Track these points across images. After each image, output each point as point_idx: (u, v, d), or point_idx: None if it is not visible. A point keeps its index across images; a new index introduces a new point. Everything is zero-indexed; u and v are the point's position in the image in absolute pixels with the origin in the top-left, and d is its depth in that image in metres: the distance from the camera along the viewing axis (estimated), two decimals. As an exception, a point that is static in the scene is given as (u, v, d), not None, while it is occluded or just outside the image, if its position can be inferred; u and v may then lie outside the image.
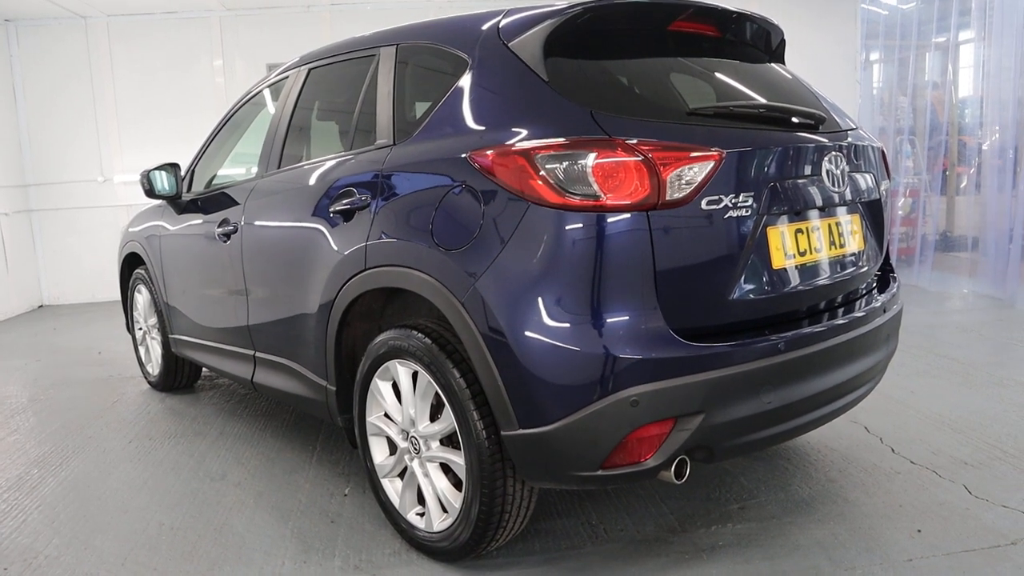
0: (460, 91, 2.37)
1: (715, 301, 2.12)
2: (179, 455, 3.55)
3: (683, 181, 2.01)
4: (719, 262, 2.11)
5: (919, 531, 2.55)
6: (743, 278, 2.16)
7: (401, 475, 2.62)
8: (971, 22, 6.82)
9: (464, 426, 2.23)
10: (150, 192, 3.80)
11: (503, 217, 2.09)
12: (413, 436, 2.47)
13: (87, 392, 4.66)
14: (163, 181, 3.78)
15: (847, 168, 2.42)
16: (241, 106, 3.75)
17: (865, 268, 2.59)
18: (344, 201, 2.61)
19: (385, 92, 2.66)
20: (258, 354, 3.32)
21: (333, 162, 2.83)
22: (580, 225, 1.99)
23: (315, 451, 3.51)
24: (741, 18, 2.58)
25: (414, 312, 2.75)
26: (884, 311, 2.62)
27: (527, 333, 2.04)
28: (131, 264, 4.71)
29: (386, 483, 2.65)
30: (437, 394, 2.36)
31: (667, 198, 1.99)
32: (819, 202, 2.32)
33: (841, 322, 2.39)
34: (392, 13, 7.62)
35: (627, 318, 2.01)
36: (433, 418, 2.42)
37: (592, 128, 2.04)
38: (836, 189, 2.38)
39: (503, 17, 2.40)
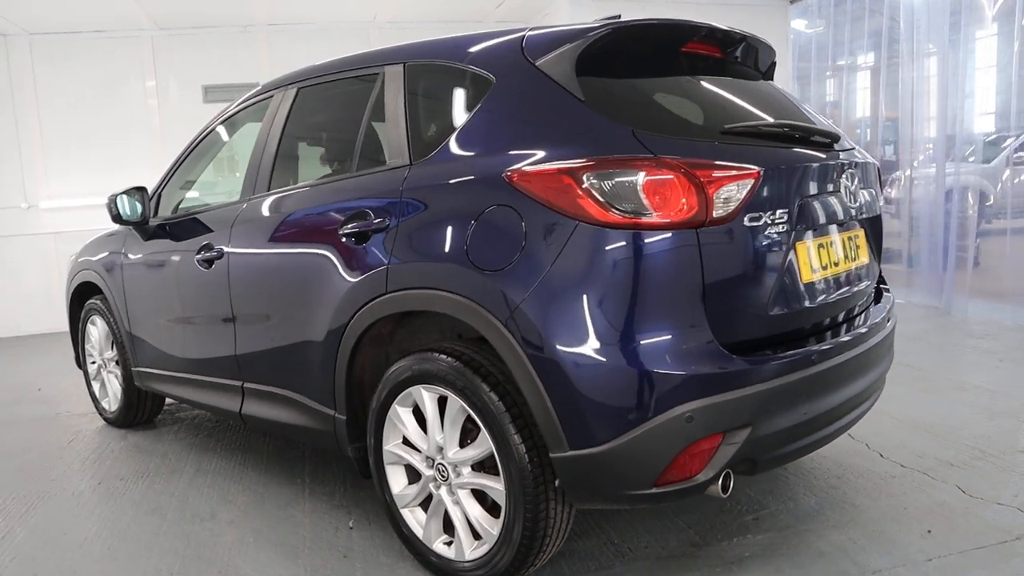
0: (486, 110, 2.35)
1: (756, 315, 2.17)
2: (158, 495, 3.35)
3: (728, 199, 2.05)
4: (760, 277, 2.15)
5: (929, 531, 2.64)
6: (779, 292, 2.21)
7: (423, 504, 2.55)
8: (879, 46, 7.25)
9: (504, 450, 2.19)
10: (117, 217, 3.61)
11: (548, 236, 2.07)
12: (441, 463, 2.41)
13: (36, 432, 4.35)
14: (130, 206, 3.59)
15: (859, 184, 2.52)
16: (213, 128, 3.61)
17: (869, 282, 2.69)
18: (356, 223, 2.54)
19: (396, 111, 2.61)
20: (247, 385, 3.17)
21: (338, 184, 2.75)
22: (631, 243, 2.00)
23: (305, 483, 3.37)
24: (744, 39, 2.66)
25: (424, 337, 2.70)
26: (887, 322, 2.73)
27: (579, 353, 2.02)
28: (82, 295, 4.44)
29: (406, 513, 2.57)
30: (468, 419, 2.32)
31: (713, 215, 2.03)
32: (838, 217, 2.41)
33: (861, 331, 2.48)
34: (331, 34, 7.52)
35: (679, 334, 2.03)
36: (462, 443, 2.37)
37: (636, 147, 2.05)
38: (852, 204, 2.47)
39: (523, 36, 2.40)
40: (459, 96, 2.49)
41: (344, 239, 2.58)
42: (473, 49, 2.49)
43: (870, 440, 3.49)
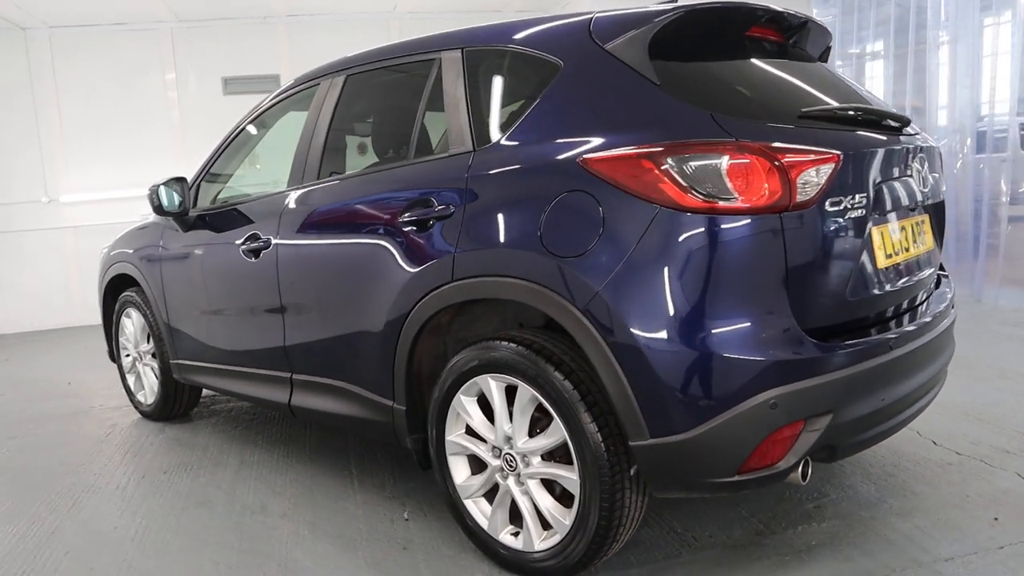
0: (554, 95, 2.31)
1: (835, 301, 2.13)
2: (204, 488, 3.32)
3: (810, 183, 2.01)
4: (840, 262, 2.12)
5: (996, 519, 2.61)
6: (857, 278, 2.17)
7: (487, 495, 2.52)
8: (902, 31, 7.18)
9: (579, 438, 2.16)
10: (159, 208, 3.57)
11: (628, 222, 2.04)
12: (508, 453, 2.38)
13: (72, 426, 4.33)
14: (170, 197, 3.56)
15: (928, 169, 2.49)
16: (254, 118, 3.56)
17: (933, 268, 2.66)
18: (418, 211, 2.50)
19: (456, 98, 2.57)
20: (296, 376, 3.14)
21: (396, 171, 2.72)
22: (715, 228, 1.96)
23: (353, 475, 3.35)
24: (804, 23, 2.62)
25: (482, 325, 2.67)
26: (952, 308, 2.70)
27: (661, 339, 1.99)
28: (116, 288, 4.42)
29: (470, 504, 2.55)
30: (537, 408, 2.29)
31: (797, 200, 1.99)
32: (909, 202, 2.37)
33: (927, 319, 2.45)
34: (351, 25, 7.47)
35: (763, 320, 2.00)
36: (531, 433, 2.34)
37: (716, 131, 2.01)
38: (922, 189, 2.43)
39: (590, 20, 2.36)
40: (524, 81, 2.45)
41: (405, 227, 2.54)
42: (537, 34, 2.45)
43: (921, 428, 3.45)
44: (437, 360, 2.70)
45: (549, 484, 2.35)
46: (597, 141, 2.14)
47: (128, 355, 4.41)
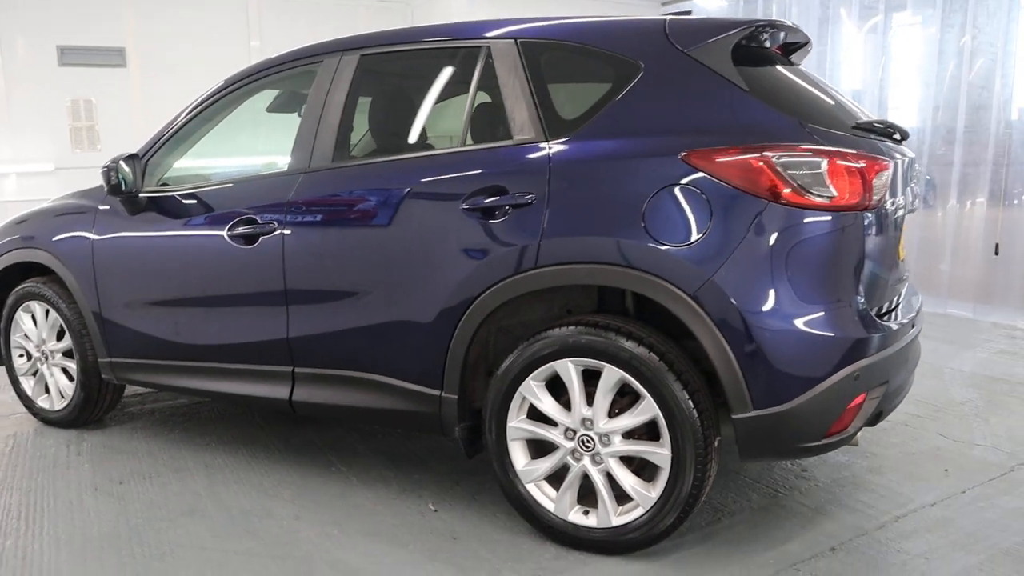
0: (638, 94, 2.43)
1: (883, 287, 2.48)
2: (181, 496, 3.03)
3: (879, 186, 2.32)
4: (887, 254, 2.47)
5: (946, 470, 3.14)
6: (892, 268, 2.54)
7: (551, 478, 2.59)
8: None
9: (673, 414, 2.31)
10: (116, 188, 3.18)
11: (736, 214, 2.23)
12: (586, 434, 2.47)
13: (-47, 440, 3.69)
14: (127, 175, 3.19)
15: (913, 177, 2.93)
16: (223, 93, 3.28)
17: None
18: (486, 198, 2.51)
19: (515, 87, 2.59)
20: (300, 370, 2.97)
21: (447, 156, 2.69)
22: (816, 222, 2.22)
23: (344, 472, 3.21)
24: (808, 39, 2.94)
25: (526, 313, 2.71)
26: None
27: (768, 321, 2.21)
28: (4, 281, 3.83)
29: (532, 488, 2.60)
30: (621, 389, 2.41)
31: (872, 200, 2.30)
32: (909, 205, 2.78)
33: (916, 309, 2.88)
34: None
35: (849, 302, 2.28)
36: (610, 414, 2.45)
37: (806, 136, 2.26)
38: (913, 195, 2.86)
39: (663, 23, 2.51)
40: (601, 78, 2.54)
41: (468, 214, 2.53)
42: (611, 34, 2.55)
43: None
44: (482, 348, 2.71)
45: (630, 460, 2.48)
46: (695, 139, 2.30)
47: (22, 355, 3.84)
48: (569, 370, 2.46)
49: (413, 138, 3.02)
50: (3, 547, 2.67)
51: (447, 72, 2.82)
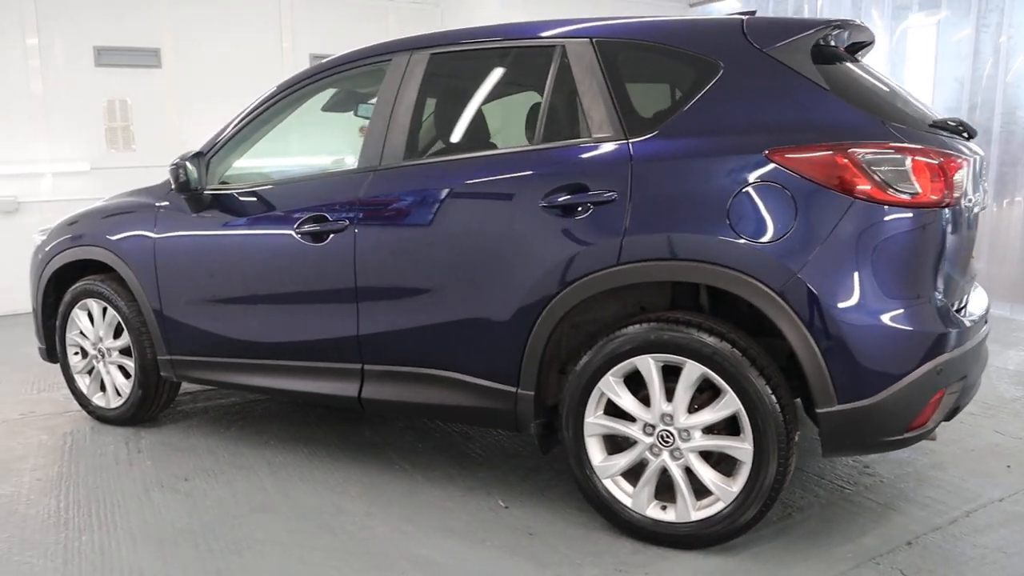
0: (719, 92, 2.45)
1: (958, 283, 2.49)
2: (250, 492, 3.05)
3: (957, 183, 2.34)
4: (963, 251, 2.48)
5: (1008, 466, 3.15)
6: (966, 264, 2.55)
7: (627, 473, 2.60)
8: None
9: (756, 409, 2.33)
10: (184, 186, 3.20)
11: (822, 211, 2.24)
12: (665, 430, 2.49)
13: (9, 439, 3.70)
14: (193, 173, 3.22)
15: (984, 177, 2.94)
16: (288, 93, 3.30)
17: None
18: (566, 195, 2.53)
19: (592, 86, 2.61)
20: (370, 367, 2.99)
21: (523, 154, 2.70)
22: (902, 219, 2.23)
23: (407, 469, 3.23)
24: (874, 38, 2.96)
25: (599, 310, 2.72)
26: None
27: (855, 316, 2.23)
28: (60, 280, 3.87)
29: (609, 483, 2.62)
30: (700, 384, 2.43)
31: (952, 197, 2.31)
32: (980, 204, 2.78)
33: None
34: (238, 3, 6.96)
35: (928, 298, 2.30)
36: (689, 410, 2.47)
37: (889, 134, 2.28)
38: (985, 192, 2.88)
39: (740, 23, 2.53)
40: (680, 77, 2.57)
41: (547, 211, 2.55)
42: (687, 33, 2.57)
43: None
44: (555, 345, 2.72)
45: (709, 455, 2.49)
46: (779, 137, 2.32)
47: (77, 353, 3.87)
48: (650, 366, 2.47)
49: (485, 136, 3.04)
50: (80, 543, 2.69)
51: (519, 71, 2.85)
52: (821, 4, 6.81)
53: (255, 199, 3.23)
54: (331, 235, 2.96)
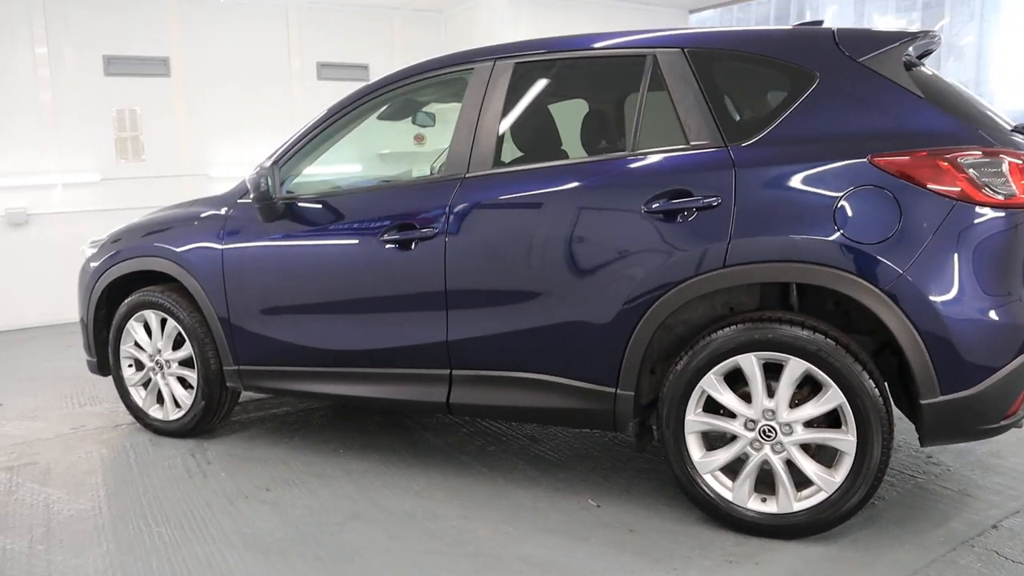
0: (818, 100, 2.55)
1: (1032, 281, 2.64)
2: (337, 500, 3.06)
3: (1047, 184, 2.48)
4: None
5: (1060, 454, 3.32)
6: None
7: (726, 468, 2.69)
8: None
9: (863, 402, 2.43)
10: (265, 195, 3.21)
11: (926, 213, 2.36)
12: (768, 424, 2.58)
13: (67, 453, 3.65)
14: (272, 183, 3.23)
15: None
16: (361, 102, 3.33)
17: None
18: (669, 200, 2.61)
19: (687, 95, 2.69)
20: (458, 372, 3.03)
21: (620, 161, 2.78)
22: (1004, 219, 2.36)
23: (487, 472, 3.27)
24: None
25: (688, 311, 2.79)
26: None
27: (958, 312, 2.35)
28: (112, 291, 3.84)
29: (708, 478, 2.70)
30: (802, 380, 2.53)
31: (1046, 197, 2.45)
32: None
33: None
34: (247, 10, 6.95)
35: (1021, 295, 2.43)
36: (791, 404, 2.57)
37: (983, 139, 2.41)
38: None
39: (831, 34, 2.64)
40: (776, 86, 2.67)
41: (650, 216, 2.63)
42: (782, 44, 2.67)
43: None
44: (654, 345, 2.79)
45: (807, 447, 2.60)
46: (880, 143, 2.44)
47: (132, 366, 3.84)
48: (752, 364, 2.57)
49: (577, 143, 3.11)
50: (183, 556, 2.68)
51: (609, 80, 2.92)
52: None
53: (332, 208, 3.25)
54: (418, 242, 3.00)
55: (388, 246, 3.05)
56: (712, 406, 2.68)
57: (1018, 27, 6.51)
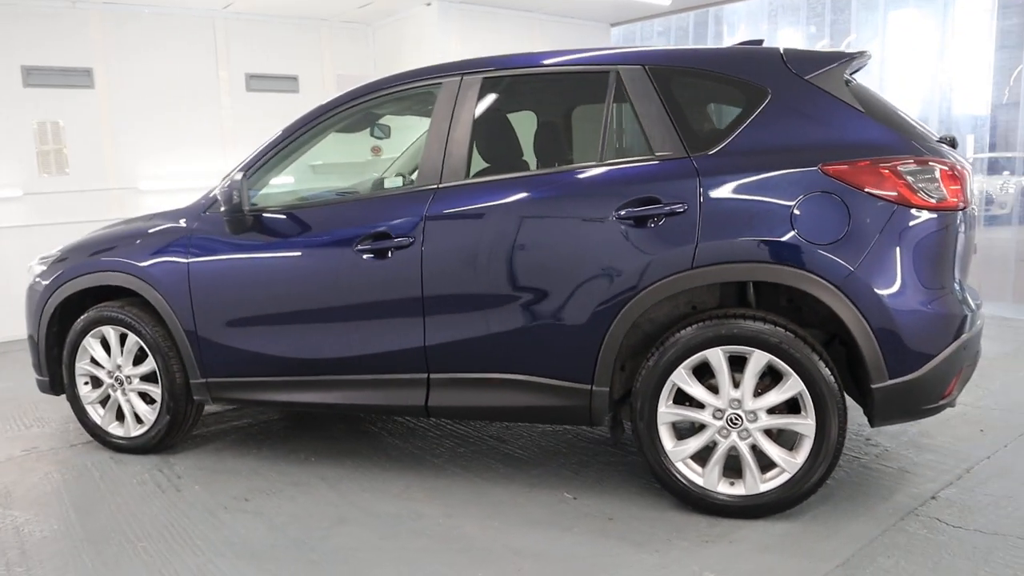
0: (770, 114, 2.80)
1: (967, 275, 2.95)
2: (318, 507, 3.11)
3: (967, 190, 2.79)
4: (970, 247, 2.94)
5: (982, 430, 3.68)
6: (970, 259, 3.03)
7: (695, 456, 2.89)
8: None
9: (822, 389, 2.68)
10: (237, 207, 3.22)
11: (871, 216, 2.63)
12: (735, 413, 2.80)
13: (26, 475, 3.54)
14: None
15: None
16: (328, 116, 3.39)
17: None
18: (640, 207, 2.79)
19: (650, 109, 2.89)
20: (436, 375, 3.13)
21: (592, 170, 2.94)
22: (936, 220, 2.66)
23: (461, 472, 3.39)
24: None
25: (654, 310, 3.00)
26: None
27: (903, 304, 2.63)
28: (65, 308, 3.76)
29: (681, 466, 2.90)
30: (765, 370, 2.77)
31: (967, 201, 2.76)
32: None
33: None
34: (175, 20, 6.82)
35: (956, 286, 2.74)
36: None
37: (915, 149, 2.70)
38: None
39: (779, 54, 2.90)
40: (732, 100, 2.90)
41: (621, 222, 2.82)
42: (734, 62, 2.91)
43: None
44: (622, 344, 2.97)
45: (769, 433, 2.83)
46: (828, 153, 2.70)
47: (88, 383, 3.76)
48: (720, 357, 2.78)
49: (544, 154, 3.26)
50: (175, 568, 2.69)
51: (574, 94, 3.09)
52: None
53: (303, 219, 3.30)
54: (393, 251, 3.09)
55: (364, 255, 3.13)
56: (681, 398, 2.88)
57: (914, 43, 7.11)
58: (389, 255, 3.10)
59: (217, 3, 6.81)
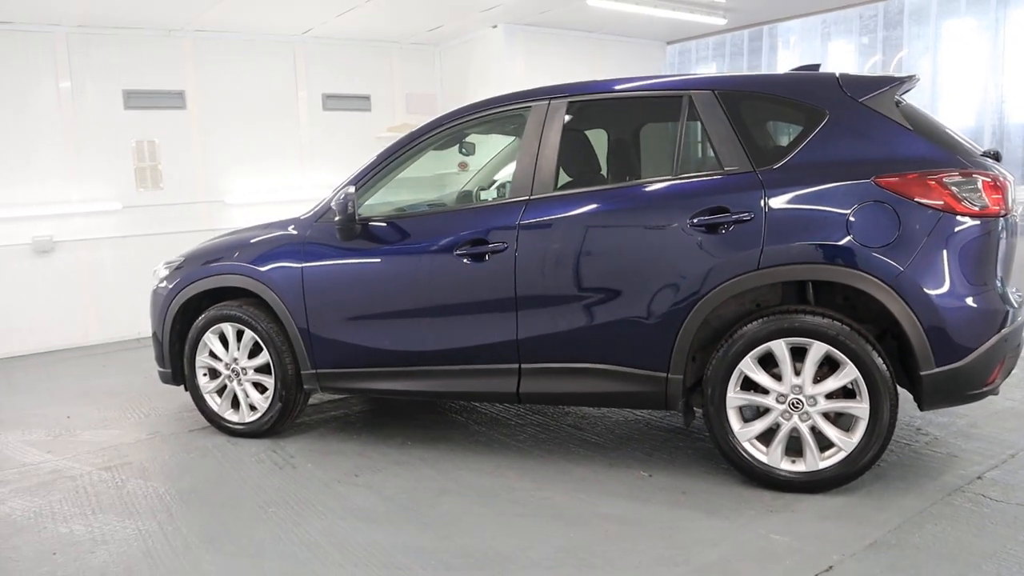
0: (828, 133, 3.15)
1: (1009, 275, 3.27)
2: (424, 482, 3.52)
3: (1010, 198, 3.12)
4: (1012, 250, 3.26)
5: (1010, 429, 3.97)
6: (1012, 260, 3.34)
7: (760, 436, 3.24)
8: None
9: (875, 376, 3.02)
10: (352, 217, 3.68)
11: (919, 222, 2.97)
12: (796, 398, 3.14)
13: (162, 455, 4.02)
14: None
15: None
16: (430, 135, 3.83)
17: None
18: (711, 216, 3.16)
19: (719, 128, 3.27)
20: (526, 365, 3.53)
21: (668, 184, 3.32)
22: (974, 225, 2.98)
23: (545, 454, 3.76)
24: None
25: (721, 308, 3.35)
26: None
27: (948, 299, 2.97)
28: (186, 308, 4.24)
29: (747, 445, 3.24)
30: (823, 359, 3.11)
31: (1008, 209, 3.09)
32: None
33: None
34: (259, 46, 7.37)
35: (998, 284, 3.07)
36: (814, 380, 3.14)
37: (960, 163, 3.04)
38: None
39: (835, 78, 3.26)
40: (794, 121, 3.27)
41: (694, 228, 3.19)
42: (795, 87, 3.28)
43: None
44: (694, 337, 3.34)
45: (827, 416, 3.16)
46: (881, 167, 3.05)
47: (205, 374, 4.23)
48: (783, 348, 3.13)
49: (626, 169, 3.66)
50: (305, 527, 3.11)
51: (650, 115, 3.48)
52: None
53: (406, 227, 3.73)
54: (491, 255, 3.50)
55: (463, 259, 3.54)
56: (747, 385, 3.23)
57: (964, 59, 7.37)
58: (486, 259, 3.51)
59: (298, 28, 7.36)
